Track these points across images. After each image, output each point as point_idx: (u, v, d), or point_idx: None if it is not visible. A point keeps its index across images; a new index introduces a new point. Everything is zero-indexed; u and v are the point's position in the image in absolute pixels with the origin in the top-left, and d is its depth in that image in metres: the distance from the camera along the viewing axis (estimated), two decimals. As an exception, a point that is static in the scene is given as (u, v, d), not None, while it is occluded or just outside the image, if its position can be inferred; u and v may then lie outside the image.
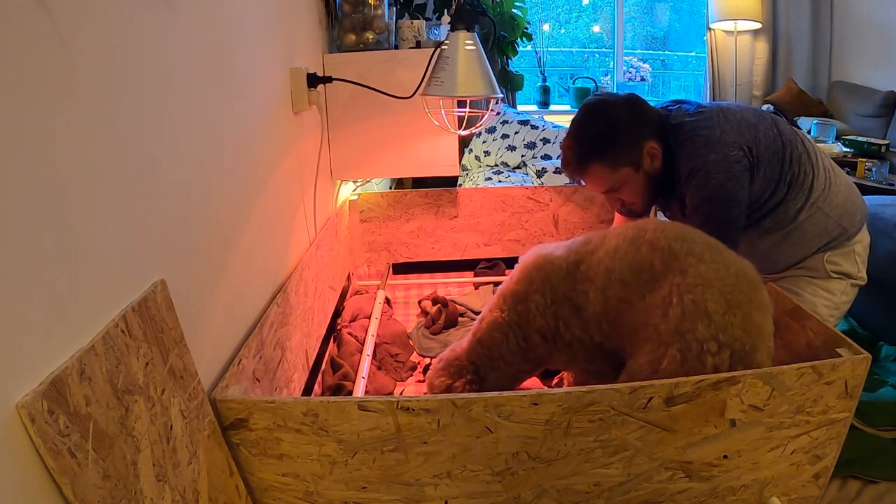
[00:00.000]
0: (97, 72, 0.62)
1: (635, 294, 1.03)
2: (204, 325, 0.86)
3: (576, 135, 1.31)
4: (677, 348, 0.92)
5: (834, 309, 1.41)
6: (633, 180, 1.32)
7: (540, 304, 1.16)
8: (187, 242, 0.82)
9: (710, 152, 1.24)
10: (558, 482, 0.87)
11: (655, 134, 1.31)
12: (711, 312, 0.93)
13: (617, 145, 1.28)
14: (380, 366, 1.52)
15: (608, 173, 1.30)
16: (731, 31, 4.03)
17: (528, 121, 3.41)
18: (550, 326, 1.15)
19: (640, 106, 1.32)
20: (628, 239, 1.08)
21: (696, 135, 1.27)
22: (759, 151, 1.27)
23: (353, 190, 2.05)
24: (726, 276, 0.97)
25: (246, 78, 1.08)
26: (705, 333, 0.91)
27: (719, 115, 1.28)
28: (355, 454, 0.83)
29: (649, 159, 1.30)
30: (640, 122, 1.30)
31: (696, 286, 0.95)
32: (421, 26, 1.79)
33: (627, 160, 1.29)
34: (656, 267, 1.02)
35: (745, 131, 1.27)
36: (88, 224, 0.60)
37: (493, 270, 2.09)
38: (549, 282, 1.15)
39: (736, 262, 1.01)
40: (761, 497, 0.94)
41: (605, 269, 1.07)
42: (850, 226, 1.36)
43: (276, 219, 1.23)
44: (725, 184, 1.24)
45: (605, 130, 1.28)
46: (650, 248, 1.04)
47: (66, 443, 0.53)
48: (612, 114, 1.29)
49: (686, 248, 1.01)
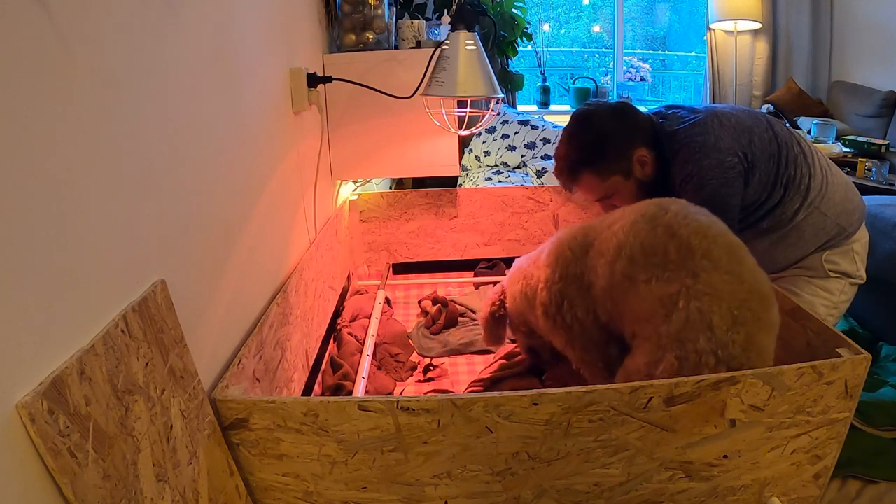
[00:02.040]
0: (97, 72, 0.62)
1: (641, 274, 1.00)
2: (204, 325, 0.86)
3: (566, 146, 1.33)
4: (675, 355, 0.91)
5: (833, 308, 1.41)
6: (624, 188, 1.33)
7: (550, 279, 1.17)
8: (187, 242, 0.82)
9: (704, 158, 1.25)
10: (558, 482, 0.87)
11: (646, 141, 1.32)
12: (715, 326, 0.91)
13: (606, 155, 1.30)
14: (380, 366, 1.52)
15: (598, 182, 1.32)
16: (731, 31, 4.03)
17: (528, 121, 3.41)
18: (553, 303, 1.16)
19: (629, 114, 1.33)
20: (647, 216, 1.05)
21: (692, 141, 1.28)
22: (754, 156, 1.28)
23: (353, 190, 2.05)
24: (738, 291, 0.94)
25: (246, 78, 1.08)
26: (705, 346, 0.90)
27: (714, 120, 1.29)
28: (355, 454, 0.83)
29: (640, 166, 1.32)
30: (630, 130, 1.32)
31: (705, 295, 0.93)
32: (421, 26, 1.79)
33: (617, 169, 1.31)
34: (670, 255, 0.99)
35: (740, 136, 1.28)
36: (88, 224, 0.60)
37: (493, 270, 2.09)
38: (562, 259, 1.16)
39: (752, 274, 0.97)
40: (761, 497, 0.94)
41: (617, 244, 1.06)
42: (848, 224, 1.37)
43: (276, 219, 1.23)
44: (719, 189, 1.25)
45: (594, 141, 1.30)
46: (667, 232, 1.01)
47: (66, 443, 0.53)
48: (600, 124, 1.30)
49: (704, 248, 0.97)
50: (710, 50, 4.11)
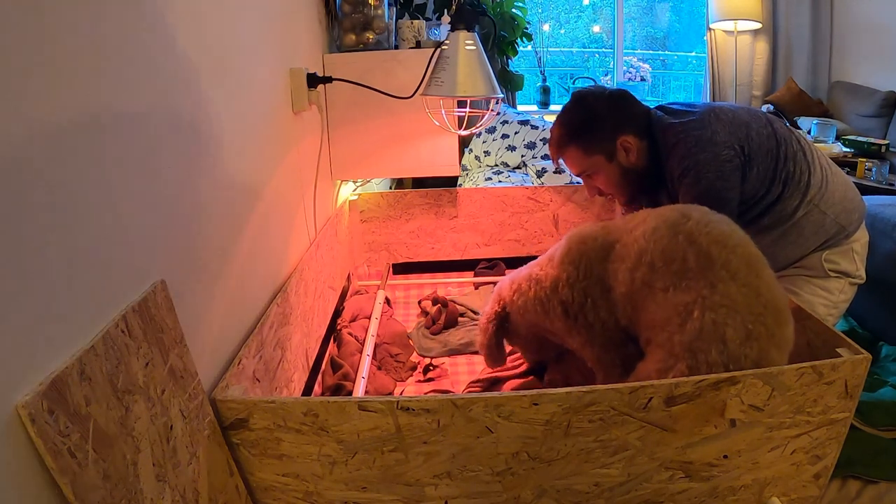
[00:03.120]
0: (97, 72, 0.62)
1: (659, 282, 1.00)
2: (204, 325, 0.86)
3: (559, 119, 1.42)
4: (686, 365, 0.91)
5: (833, 308, 1.41)
6: (605, 169, 1.39)
7: (572, 276, 1.16)
8: (187, 242, 0.82)
9: (700, 152, 1.27)
10: (558, 482, 0.87)
11: (637, 130, 1.36)
12: (728, 340, 0.90)
13: (592, 133, 1.37)
14: (380, 366, 1.52)
15: (582, 157, 1.39)
16: (731, 31, 4.03)
17: (528, 121, 3.41)
18: (576, 301, 1.16)
19: (624, 101, 1.39)
20: (669, 223, 1.05)
21: (688, 135, 1.29)
22: (752, 150, 1.29)
23: (353, 190, 2.05)
24: (754, 305, 0.92)
25: (246, 78, 1.08)
26: (717, 359, 0.89)
27: (710, 115, 1.31)
28: (355, 454, 0.83)
29: (624, 152, 1.36)
30: (620, 115, 1.37)
31: (721, 307, 0.92)
32: (421, 26, 1.79)
33: (600, 149, 1.37)
34: (689, 263, 0.98)
35: (737, 130, 1.29)
36: (88, 224, 0.60)
37: (493, 270, 2.09)
38: (586, 258, 1.16)
39: (769, 289, 0.96)
40: (761, 497, 0.94)
41: (638, 250, 1.06)
42: (848, 224, 1.37)
43: (276, 219, 1.24)
44: (715, 182, 1.26)
45: (584, 118, 1.37)
46: (688, 240, 1.00)
47: (66, 443, 0.53)
48: (593, 105, 1.38)
49: (724, 259, 0.97)
50: (710, 50, 4.11)
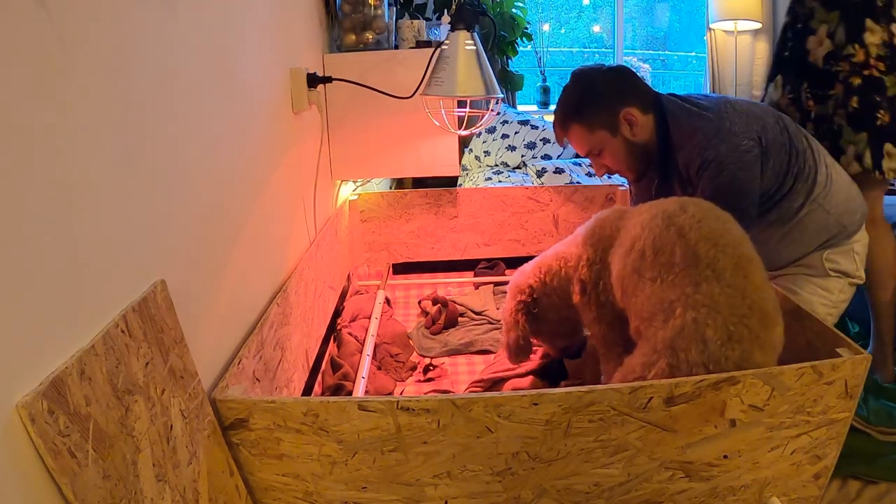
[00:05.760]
0: (97, 72, 0.62)
1: (648, 272, 1.01)
2: (204, 325, 0.86)
3: (561, 98, 1.42)
4: (667, 362, 0.91)
5: (832, 308, 1.41)
6: (611, 145, 1.38)
7: (591, 257, 1.20)
8: (187, 242, 0.82)
9: (720, 143, 1.27)
10: (558, 482, 0.87)
11: (641, 104, 1.36)
12: (708, 339, 0.90)
13: (593, 108, 1.37)
14: (380, 366, 1.52)
15: (586, 134, 1.39)
16: (731, 31, 4.02)
17: (528, 121, 3.41)
18: (591, 281, 1.20)
19: (625, 76, 1.39)
20: (666, 213, 1.05)
21: (707, 126, 1.29)
22: (768, 142, 1.30)
23: (353, 190, 2.05)
24: (738, 306, 0.92)
25: (246, 78, 1.08)
26: (697, 358, 0.89)
27: (727, 106, 1.32)
28: (355, 454, 0.83)
29: (627, 125, 1.36)
30: (621, 88, 1.37)
31: (702, 306, 0.92)
32: (421, 26, 1.79)
33: (603, 123, 1.36)
34: (676, 258, 0.98)
35: (753, 122, 1.30)
36: (88, 224, 0.60)
37: (493, 270, 2.09)
38: (602, 241, 1.19)
39: (756, 291, 0.94)
40: (761, 497, 0.94)
41: (633, 237, 1.07)
42: (849, 224, 1.37)
43: (276, 219, 1.24)
44: (737, 174, 1.26)
45: (584, 93, 1.38)
46: (678, 233, 1.01)
47: (66, 443, 0.53)
48: (592, 79, 1.39)
49: (710, 257, 0.96)
50: (710, 50, 4.11)
